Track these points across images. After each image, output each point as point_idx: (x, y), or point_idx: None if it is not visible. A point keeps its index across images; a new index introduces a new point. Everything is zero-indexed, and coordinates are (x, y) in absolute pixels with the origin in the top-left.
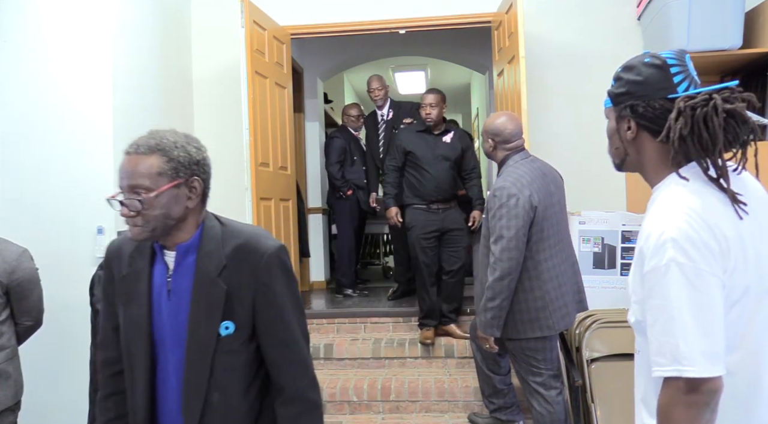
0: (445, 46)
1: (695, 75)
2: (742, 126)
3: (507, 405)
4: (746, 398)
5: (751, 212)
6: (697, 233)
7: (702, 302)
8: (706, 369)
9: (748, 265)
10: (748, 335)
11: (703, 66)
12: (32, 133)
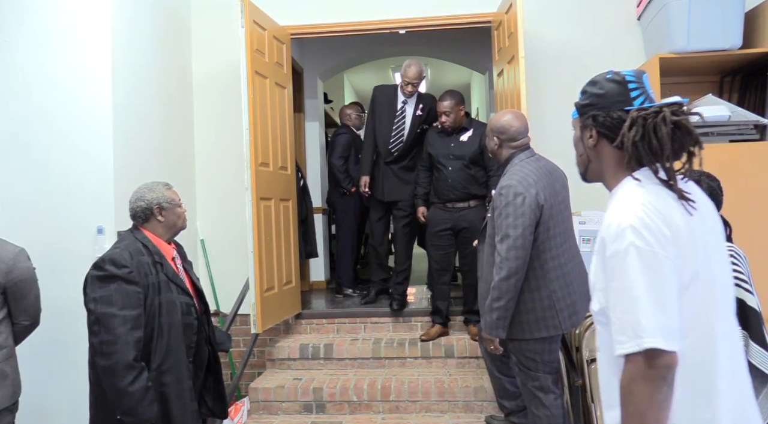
0: (445, 46)
1: (651, 92)
2: (687, 136)
3: (520, 408)
4: (700, 379)
5: (699, 215)
6: (652, 221)
7: (658, 282)
8: (663, 342)
9: (696, 252)
10: (700, 318)
11: (703, 66)
12: (32, 133)
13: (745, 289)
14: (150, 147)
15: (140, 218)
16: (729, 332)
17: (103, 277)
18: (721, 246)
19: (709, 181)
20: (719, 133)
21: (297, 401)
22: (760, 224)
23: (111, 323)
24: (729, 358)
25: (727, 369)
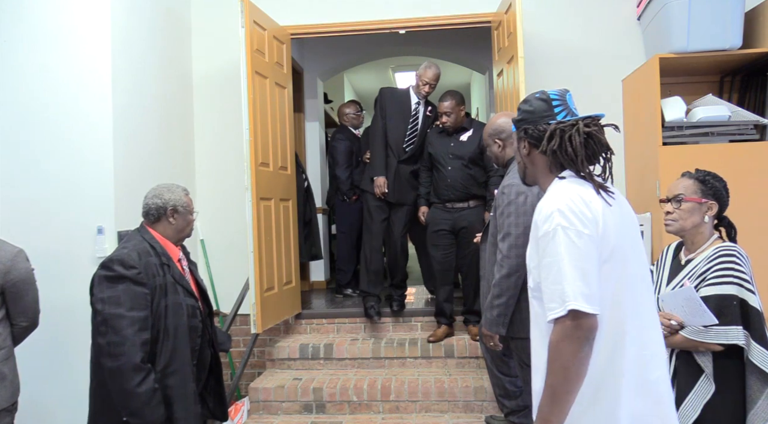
0: (445, 46)
1: (574, 108)
2: (598, 145)
3: (519, 408)
4: (610, 339)
5: (618, 207)
6: (576, 205)
7: (581, 255)
8: (585, 306)
9: (611, 234)
10: (614, 289)
11: (703, 66)
12: (32, 133)
13: (747, 289)
14: (150, 147)
15: (152, 215)
16: (637, 303)
17: (112, 277)
18: (635, 236)
19: (715, 182)
20: (719, 133)
21: (297, 401)
22: (761, 224)
23: (119, 324)
24: (635, 324)
25: (634, 333)
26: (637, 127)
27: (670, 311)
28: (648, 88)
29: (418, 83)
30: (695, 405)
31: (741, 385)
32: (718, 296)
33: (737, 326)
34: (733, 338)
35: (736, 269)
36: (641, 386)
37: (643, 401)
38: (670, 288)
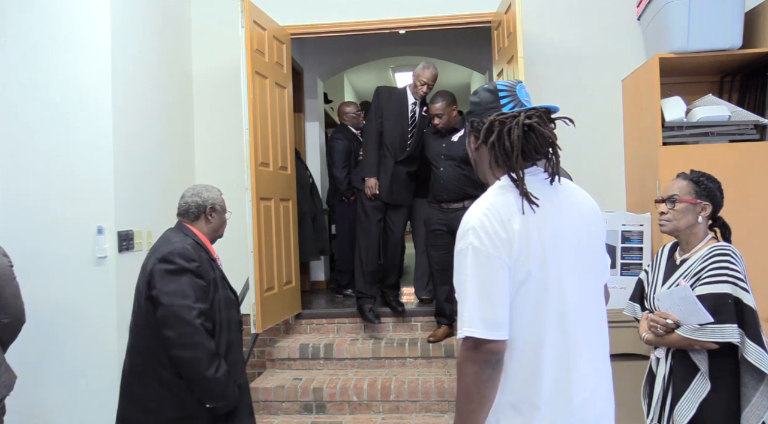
0: (445, 46)
1: (524, 100)
2: (540, 138)
3: None
4: (528, 362)
5: (552, 215)
6: (491, 224)
7: (488, 279)
8: (483, 332)
9: (531, 253)
10: (536, 311)
11: (703, 66)
12: (32, 133)
13: (741, 288)
14: (150, 147)
15: (192, 214)
16: (565, 321)
17: (174, 270)
18: (581, 241)
19: (709, 183)
20: (719, 133)
21: (297, 401)
22: (761, 223)
23: (189, 315)
24: (559, 346)
25: (556, 355)
26: (637, 127)
27: (665, 310)
28: (648, 88)
29: (416, 83)
30: (691, 404)
31: (736, 383)
32: (713, 295)
33: (732, 324)
34: (729, 335)
35: (730, 268)
36: (562, 409)
37: (559, 404)
38: (665, 288)
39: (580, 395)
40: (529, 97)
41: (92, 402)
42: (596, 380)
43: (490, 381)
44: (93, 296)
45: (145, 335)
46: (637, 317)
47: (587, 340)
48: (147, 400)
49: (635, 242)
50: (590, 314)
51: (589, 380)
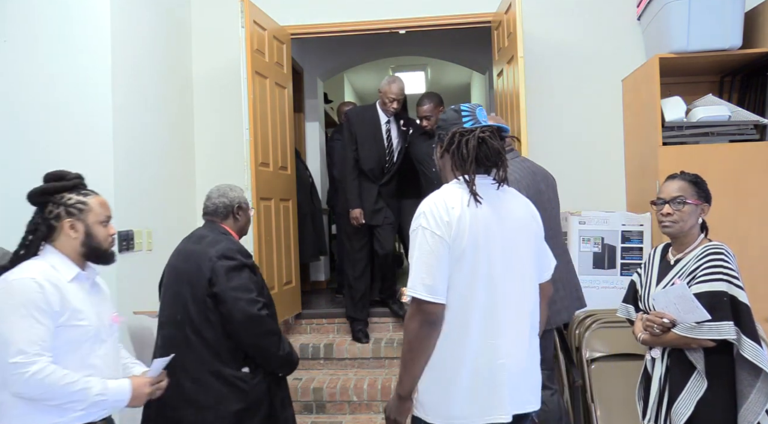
0: (445, 46)
1: (482, 119)
2: (490, 149)
3: None
4: (457, 324)
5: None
6: (437, 210)
7: (429, 253)
8: (423, 294)
9: (465, 236)
10: (468, 285)
11: (703, 66)
12: (31, 133)
13: (736, 285)
14: (150, 147)
15: (221, 214)
16: (493, 296)
17: (235, 266)
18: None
19: (704, 183)
20: (719, 133)
21: (297, 401)
22: (761, 223)
23: (254, 308)
24: (485, 315)
25: (481, 323)
26: (637, 127)
27: (662, 309)
28: (648, 88)
29: (384, 101)
30: (688, 403)
31: (732, 380)
32: (709, 293)
33: (729, 322)
34: (726, 333)
35: (724, 266)
36: (482, 370)
37: (481, 383)
38: (660, 288)
39: (499, 360)
40: (486, 118)
41: None
42: (513, 351)
43: (427, 337)
44: None
45: (199, 332)
46: (630, 319)
47: (512, 313)
48: (204, 397)
49: (635, 242)
50: (517, 294)
51: (508, 349)
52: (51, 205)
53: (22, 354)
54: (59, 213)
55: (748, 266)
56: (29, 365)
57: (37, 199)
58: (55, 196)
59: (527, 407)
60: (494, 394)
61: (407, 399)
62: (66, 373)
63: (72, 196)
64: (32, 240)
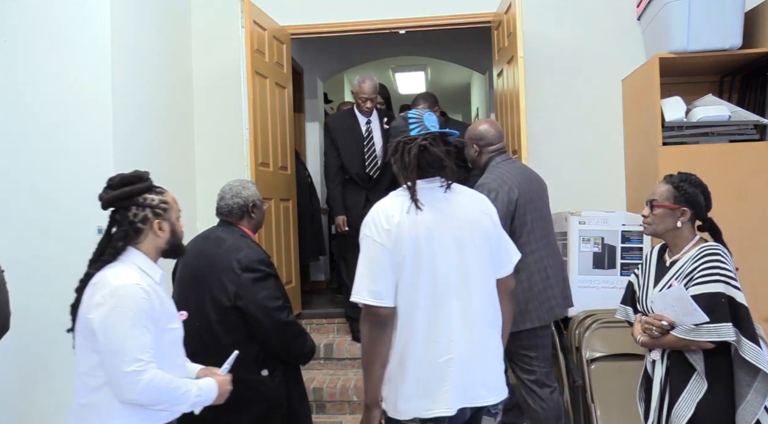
0: (445, 46)
1: (430, 126)
2: (432, 157)
3: (508, 407)
4: (405, 324)
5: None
6: (379, 218)
7: (372, 259)
8: (367, 299)
9: (405, 243)
10: (411, 288)
11: (703, 66)
12: (32, 133)
13: (733, 286)
14: (150, 147)
15: (236, 214)
16: (437, 298)
17: (261, 278)
18: (460, 238)
19: (690, 188)
20: (719, 133)
21: None
22: (761, 223)
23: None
24: (430, 316)
25: (426, 323)
26: (637, 127)
27: (660, 311)
28: (648, 88)
29: (358, 102)
30: (689, 404)
31: (731, 381)
32: (707, 294)
33: (727, 323)
34: (725, 334)
35: (721, 267)
36: (427, 366)
37: (426, 378)
38: (657, 290)
39: (444, 357)
40: (436, 123)
41: None
42: (457, 348)
43: (377, 339)
44: None
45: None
46: (629, 320)
47: (458, 310)
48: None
49: (635, 242)
50: (464, 292)
51: (454, 347)
52: (135, 208)
53: (137, 362)
54: (146, 215)
55: (748, 266)
56: (143, 373)
57: (121, 203)
58: (137, 198)
59: (478, 401)
60: (438, 388)
61: (372, 408)
62: (171, 377)
63: (153, 196)
64: (122, 246)
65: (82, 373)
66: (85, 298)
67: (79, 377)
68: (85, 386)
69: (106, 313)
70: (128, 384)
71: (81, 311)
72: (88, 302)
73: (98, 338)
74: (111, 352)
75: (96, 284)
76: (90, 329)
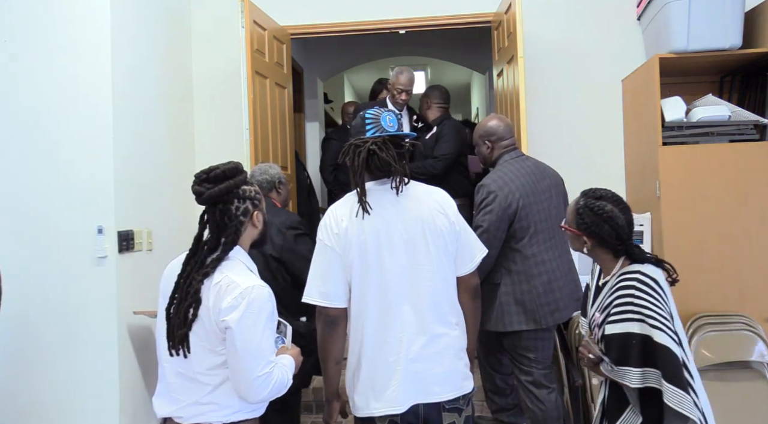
0: (445, 46)
1: (386, 126)
2: (381, 162)
3: (509, 406)
4: (358, 332)
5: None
6: (330, 223)
7: (323, 262)
8: (316, 300)
9: (352, 246)
10: (361, 289)
11: (703, 66)
12: (32, 133)
13: (650, 324)
14: (150, 147)
15: (265, 188)
16: (385, 299)
17: (301, 234)
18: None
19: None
20: (719, 133)
21: None
22: (760, 223)
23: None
24: (378, 317)
25: (375, 323)
26: (637, 127)
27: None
28: (648, 88)
29: (393, 93)
30: None
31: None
32: (619, 335)
33: (636, 368)
34: (629, 380)
35: (635, 303)
36: (379, 366)
37: (376, 376)
38: (593, 311)
39: (392, 356)
40: (394, 124)
41: (92, 402)
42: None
43: (329, 338)
44: (93, 296)
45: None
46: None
47: (409, 309)
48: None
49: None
50: (414, 291)
51: (401, 346)
52: (237, 201)
53: (270, 364)
54: (247, 207)
55: (748, 266)
56: (272, 374)
57: (223, 197)
58: (237, 190)
59: (431, 398)
60: (387, 388)
61: (331, 401)
62: (284, 369)
63: (248, 187)
64: (233, 241)
65: (198, 373)
66: (209, 300)
67: (195, 377)
68: (204, 385)
69: (241, 316)
70: (259, 386)
71: (204, 313)
72: (216, 304)
73: (233, 342)
74: (246, 355)
75: (220, 284)
76: (215, 331)
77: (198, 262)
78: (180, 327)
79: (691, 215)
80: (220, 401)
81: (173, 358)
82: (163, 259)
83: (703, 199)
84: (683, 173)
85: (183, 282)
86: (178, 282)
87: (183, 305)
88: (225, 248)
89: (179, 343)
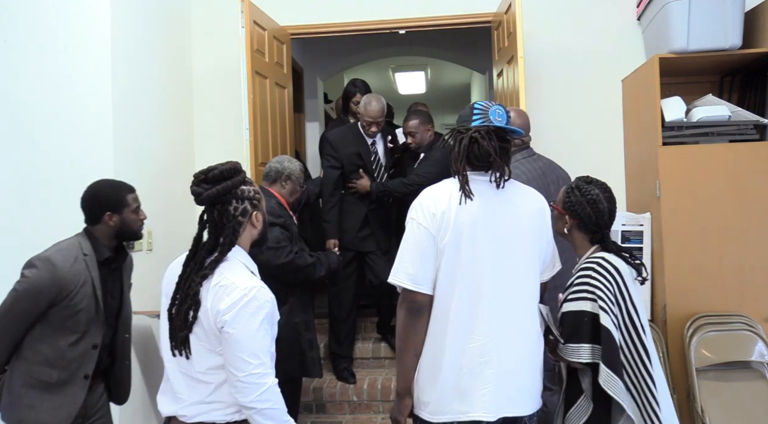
0: (445, 46)
1: (494, 118)
2: (481, 151)
3: None
4: (442, 314)
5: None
6: (426, 202)
7: (416, 243)
8: (405, 282)
9: (448, 231)
10: (450, 275)
11: (703, 66)
12: (32, 132)
13: (601, 306)
14: (150, 147)
15: (271, 177)
16: (474, 286)
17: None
18: (506, 231)
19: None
20: (719, 133)
21: None
22: (761, 223)
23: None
24: (463, 303)
25: (458, 309)
26: (637, 127)
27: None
28: (648, 88)
29: (362, 124)
30: (576, 421)
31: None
32: (573, 312)
33: (587, 344)
34: (584, 356)
35: (591, 283)
36: (462, 351)
37: (464, 380)
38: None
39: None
40: (503, 118)
41: None
42: (506, 350)
43: (413, 325)
44: None
45: None
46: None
47: (501, 312)
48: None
49: (635, 242)
50: (508, 293)
51: (496, 347)
52: (235, 201)
53: (263, 365)
54: (245, 208)
55: (748, 266)
56: (267, 377)
57: (221, 198)
58: (236, 191)
59: (513, 411)
60: (476, 391)
61: (404, 396)
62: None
63: (247, 187)
64: (231, 242)
65: (199, 373)
66: (208, 301)
67: (196, 377)
68: (206, 385)
69: (237, 316)
70: (251, 386)
71: (203, 314)
72: (214, 305)
73: (228, 341)
74: (238, 352)
75: (219, 285)
76: (214, 332)
77: (197, 263)
78: (181, 329)
79: (691, 215)
80: (224, 400)
81: (176, 357)
82: (163, 259)
83: (703, 200)
84: (683, 173)
85: (183, 284)
86: (178, 284)
87: (183, 307)
88: (223, 249)
89: (180, 344)
